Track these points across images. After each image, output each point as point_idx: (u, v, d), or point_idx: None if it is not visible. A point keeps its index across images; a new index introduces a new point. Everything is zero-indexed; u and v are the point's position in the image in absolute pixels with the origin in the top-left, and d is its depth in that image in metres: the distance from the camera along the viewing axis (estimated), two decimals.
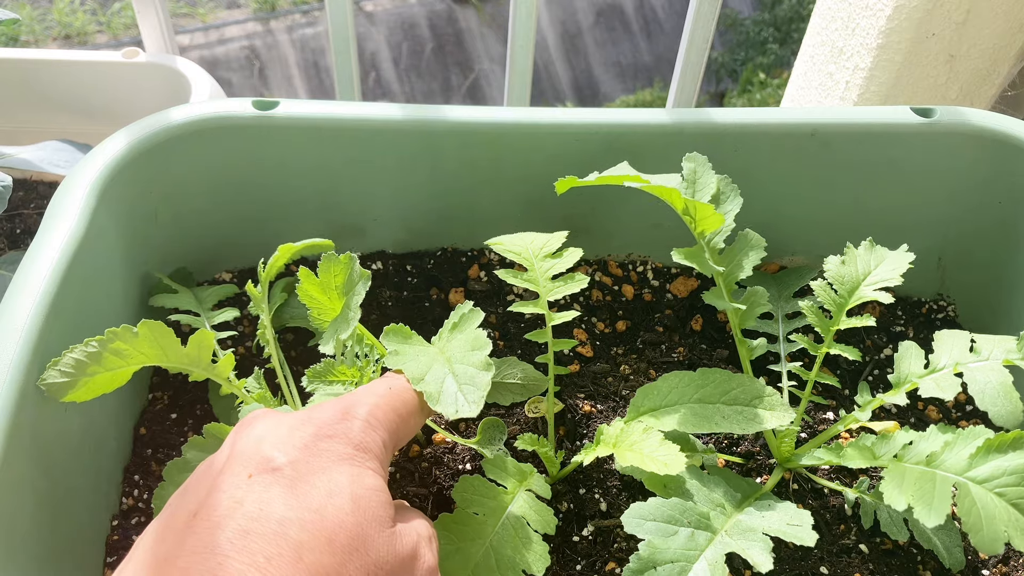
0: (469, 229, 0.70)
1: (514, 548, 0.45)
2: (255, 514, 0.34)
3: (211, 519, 0.34)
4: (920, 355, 0.54)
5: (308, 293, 0.50)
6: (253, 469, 0.36)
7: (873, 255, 0.57)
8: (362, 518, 0.36)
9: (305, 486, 0.36)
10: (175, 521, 0.36)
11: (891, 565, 0.53)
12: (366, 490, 0.37)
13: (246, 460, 0.37)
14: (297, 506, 0.35)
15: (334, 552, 0.34)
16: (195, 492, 0.37)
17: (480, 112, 0.63)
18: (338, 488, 0.36)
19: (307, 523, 0.34)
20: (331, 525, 0.35)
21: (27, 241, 0.80)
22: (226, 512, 0.34)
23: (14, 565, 0.43)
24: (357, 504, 0.36)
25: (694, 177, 0.57)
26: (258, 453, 0.37)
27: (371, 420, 0.41)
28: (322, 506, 0.35)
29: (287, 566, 0.33)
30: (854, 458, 0.50)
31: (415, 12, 4.17)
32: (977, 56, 1.01)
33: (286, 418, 0.40)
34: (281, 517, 0.34)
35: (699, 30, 0.90)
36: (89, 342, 0.46)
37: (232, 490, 0.36)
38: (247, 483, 0.36)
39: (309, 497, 0.36)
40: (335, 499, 0.36)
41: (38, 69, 0.90)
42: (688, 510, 0.46)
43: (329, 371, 0.52)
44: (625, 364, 0.65)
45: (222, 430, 0.48)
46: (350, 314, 0.48)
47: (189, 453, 0.48)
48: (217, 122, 0.61)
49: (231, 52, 3.90)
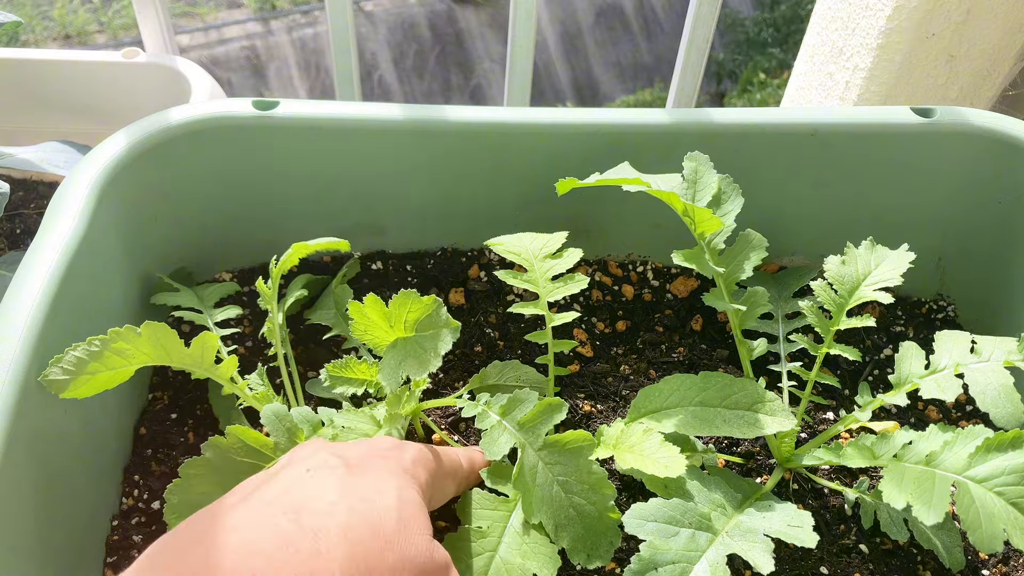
0: (469, 229, 0.70)
1: (523, 555, 0.45)
2: (310, 494, 0.38)
3: (266, 497, 0.38)
4: (921, 356, 0.54)
5: (367, 315, 0.48)
6: (311, 466, 0.40)
7: (874, 255, 0.57)
8: (406, 516, 0.39)
9: (356, 483, 0.40)
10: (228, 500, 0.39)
11: (891, 565, 0.53)
12: (410, 500, 0.40)
13: (305, 461, 0.41)
14: (347, 494, 0.38)
15: (376, 538, 0.37)
16: (248, 484, 0.40)
17: (480, 112, 0.63)
18: (386, 489, 0.40)
19: (355, 509, 0.38)
20: (376, 516, 0.38)
21: (27, 241, 0.80)
22: (284, 490, 0.38)
23: (14, 565, 0.43)
24: (402, 506, 0.39)
25: (695, 177, 0.56)
26: (316, 456, 0.42)
27: (420, 458, 0.45)
28: (370, 499, 0.39)
29: (332, 539, 0.36)
30: (854, 458, 0.50)
31: (415, 12, 4.16)
32: (977, 56, 1.01)
33: (342, 444, 0.45)
34: (333, 500, 0.38)
35: (699, 30, 0.90)
36: (92, 341, 0.46)
37: (290, 480, 0.39)
38: (305, 475, 0.40)
39: (360, 490, 0.39)
40: (383, 497, 0.39)
41: (38, 69, 0.90)
42: (689, 511, 0.46)
43: (348, 368, 0.53)
44: (625, 364, 0.65)
45: (246, 433, 0.48)
46: (431, 359, 0.46)
47: (209, 452, 0.48)
48: (217, 122, 0.61)
49: (231, 52, 3.90)
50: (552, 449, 0.47)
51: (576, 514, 0.45)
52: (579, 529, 0.45)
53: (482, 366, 0.60)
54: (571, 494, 0.46)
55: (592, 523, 0.45)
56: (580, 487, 0.46)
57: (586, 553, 0.45)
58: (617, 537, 0.46)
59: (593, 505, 0.45)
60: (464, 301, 0.69)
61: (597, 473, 0.46)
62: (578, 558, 0.45)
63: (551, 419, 0.48)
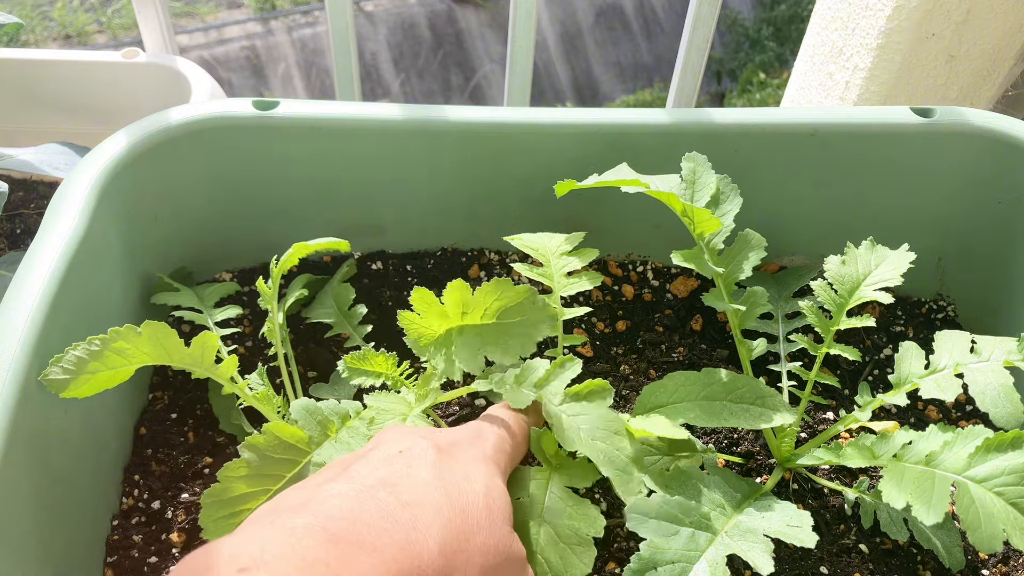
0: (469, 229, 0.70)
1: (568, 516, 0.46)
2: (404, 473, 0.39)
3: (364, 470, 0.39)
4: (920, 356, 0.54)
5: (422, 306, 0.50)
6: (402, 448, 0.41)
7: (874, 255, 0.57)
8: (491, 504, 0.40)
9: (446, 466, 0.41)
10: (321, 476, 0.40)
11: (891, 565, 0.53)
12: (496, 488, 0.42)
13: (394, 443, 0.42)
14: (439, 476, 0.40)
15: (466, 520, 0.38)
16: (340, 463, 0.41)
17: (480, 112, 0.63)
18: (474, 476, 0.41)
19: (447, 490, 0.39)
20: (465, 500, 0.39)
21: (27, 241, 0.80)
22: (379, 466, 0.40)
23: (14, 565, 0.43)
24: (489, 494, 0.41)
25: (693, 177, 0.57)
26: (405, 440, 0.42)
27: (499, 445, 0.46)
28: (459, 483, 0.40)
29: (427, 514, 0.37)
30: (854, 458, 0.50)
31: (415, 12, 4.16)
32: (977, 56, 1.01)
33: (429, 430, 0.46)
34: (426, 479, 0.39)
35: (699, 30, 0.90)
36: (92, 340, 0.46)
37: (385, 458, 0.41)
38: (399, 456, 0.41)
39: (450, 473, 0.40)
40: (471, 483, 0.40)
41: (38, 69, 0.90)
42: (690, 510, 0.46)
43: (367, 360, 0.54)
44: (625, 364, 0.65)
45: (283, 429, 0.48)
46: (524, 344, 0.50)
47: (246, 453, 0.47)
48: (217, 122, 0.61)
49: (231, 52, 3.90)
50: (573, 401, 0.47)
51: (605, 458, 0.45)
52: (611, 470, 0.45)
53: None
54: (595, 440, 0.46)
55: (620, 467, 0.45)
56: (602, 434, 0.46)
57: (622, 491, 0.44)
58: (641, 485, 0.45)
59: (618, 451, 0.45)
60: None
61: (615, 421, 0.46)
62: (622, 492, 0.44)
63: (565, 376, 0.48)
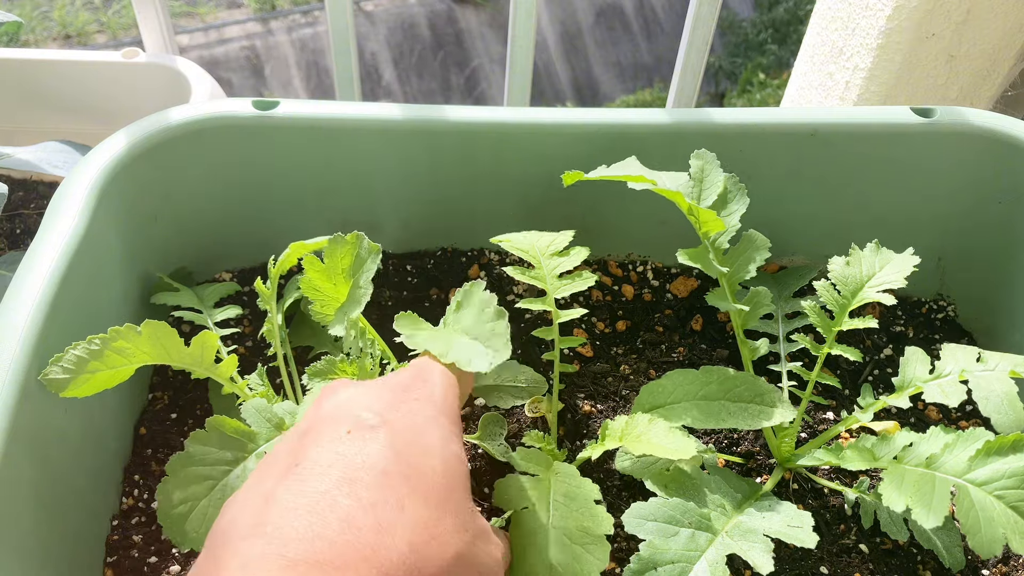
0: (469, 229, 0.70)
1: (576, 519, 0.45)
2: (359, 464, 0.36)
3: (316, 468, 0.36)
4: (926, 360, 0.54)
5: (312, 284, 0.49)
6: (350, 426, 0.38)
7: (878, 257, 0.57)
8: (451, 481, 0.38)
9: (401, 443, 0.37)
10: (272, 471, 0.37)
11: (891, 565, 0.53)
12: (452, 456, 0.39)
13: (340, 419, 0.39)
14: (396, 460, 0.36)
15: (429, 507, 0.36)
16: (288, 452, 0.38)
17: (480, 112, 0.63)
18: (431, 447, 0.38)
19: (407, 477, 0.36)
20: (426, 484, 0.37)
21: (27, 241, 0.80)
22: (331, 462, 0.36)
23: (14, 565, 0.43)
24: (447, 467, 0.38)
25: (701, 175, 0.56)
26: (350, 413, 0.39)
27: (446, 383, 0.43)
28: (419, 463, 0.37)
29: (391, 513, 0.34)
30: (854, 460, 0.50)
31: (415, 12, 4.17)
32: (977, 56, 1.01)
33: (366, 384, 0.42)
34: (384, 469, 0.36)
35: (699, 30, 0.90)
36: (92, 339, 0.46)
37: (334, 444, 0.37)
38: (348, 438, 0.37)
39: (406, 454, 0.37)
40: (429, 458, 0.38)
41: (38, 69, 0.90)
42: (689, 511, 0.46)
43: (330, 369, 0.52)
44: (625, 364, 0.65)
45: (224, 423, 0.48)
46: (360, 292, 0.48)
47: (192, 447, 0.48)
48: (217, 122, 0.61)
49: (231, 52, 3.90)
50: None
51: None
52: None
53: None
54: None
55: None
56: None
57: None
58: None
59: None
60: None
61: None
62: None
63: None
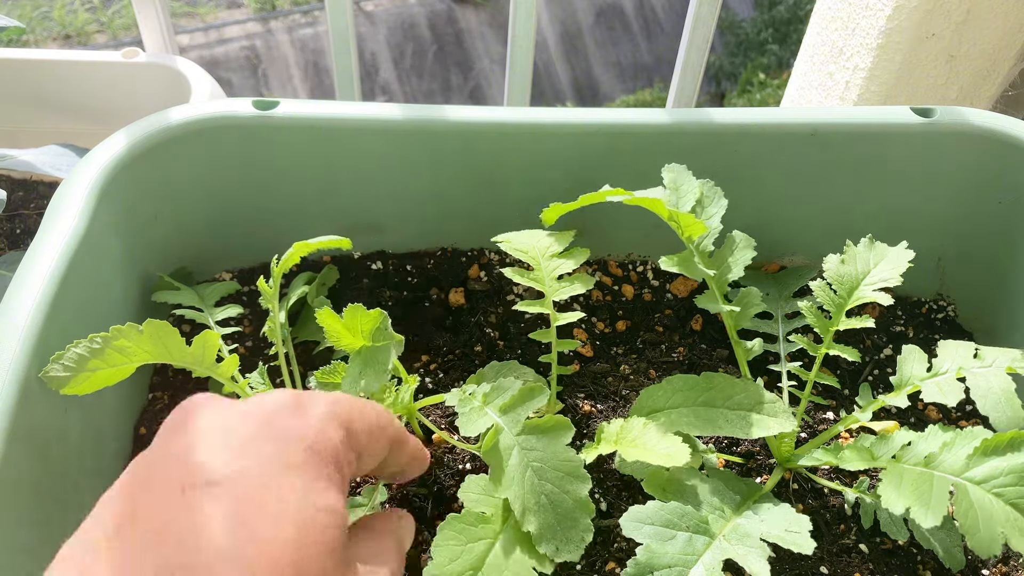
0: (469, 229, 0.70)
1: (524, 545, 0.44)
2: (189, 545, 0.29)
3: (144, 536, 0.30)
4: (923, 359, 0.54)
5: (332, 325, 0.48)
6: (187, 481, 0.31)
7: (873, 253, 0.57)
8: (308, 554, 0.31)
9: (248, 508, 0.31)
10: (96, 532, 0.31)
11: (891, 565, 0.53)
12: (311, 519, 0.32)
13: (180, 468, 0.32)
14: (237, 535, 0.30)
15: None
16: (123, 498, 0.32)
17: (480, 112, 0.63)
18: (282, 514, 0.31)
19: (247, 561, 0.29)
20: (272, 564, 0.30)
21: (27, 241, 0.80)
22: (159, 530, 0.30)
23: (14, 564, 0.43)
24: (302, 536, 0.31)
25: (676, 186, 0.57)
26: (193, 460, 0.32)
27: (332, 414, 0.35)
28: (264, 536, 0.30)
29: None
30: (853, 460, 0.50)
31: (415, 12, 4.17)
32: (977, 56, 1.01)
33: (230, 411, 0.35)
34: (218, 549, 0.29)
35: (699, 30, 0.90)
36: (93, 338, 0.46)
37: (167, 504, 0.30)
38: (182, 499, 0.30)
39: (252, 524, 0.30)
40: (279, 529, 0.30)
41: (38, 69, 0.90)
42: (687, 514, 0.45)
43: (337, 372, 0.52)
44: (625, 364, 0.65)
45: None
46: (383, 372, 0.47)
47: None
48: (217, 122, 0.61)
49: (231, 52, 3.90)
50: (530, 434, 0.46)
51: (548, 501, 0.44)
52: (549, 517, 0.44)
53: (482, 366, 0.60)
54: (544, 480, 0.44)
55: (564, 513, 0.44)
56: (553, 474, 0.44)
57: (555, 544, 0.43)
58: (589, 532, 0.44)
59: (566, 494, 0.44)
60: (464, 301, 0.69)
61: (573, 461, 0.45)
62: (546, 547, 0.44)
63: (531, 404, 0.47)
